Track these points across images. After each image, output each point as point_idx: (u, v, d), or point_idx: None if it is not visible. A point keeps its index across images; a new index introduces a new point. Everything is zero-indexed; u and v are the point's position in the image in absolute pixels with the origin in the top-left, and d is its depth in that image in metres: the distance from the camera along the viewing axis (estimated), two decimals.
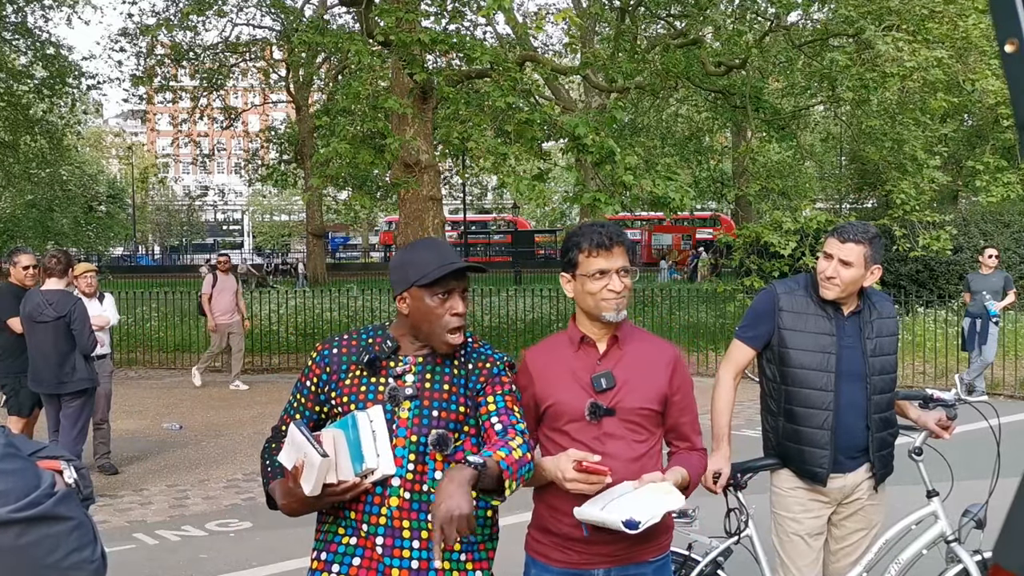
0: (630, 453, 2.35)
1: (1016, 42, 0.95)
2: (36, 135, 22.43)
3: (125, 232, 45.30)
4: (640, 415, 2.38)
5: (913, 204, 12.19)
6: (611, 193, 10.97)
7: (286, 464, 2.08)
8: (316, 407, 2.27)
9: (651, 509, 2.15)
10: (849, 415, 3.10)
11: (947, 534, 3.35)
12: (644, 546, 2.37)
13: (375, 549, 2.11)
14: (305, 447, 1.99)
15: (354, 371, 2.21)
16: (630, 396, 2.37)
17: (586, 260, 2.37)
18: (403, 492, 2.10)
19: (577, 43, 14.24)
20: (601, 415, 2.37)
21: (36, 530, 1.14)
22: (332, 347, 2.27)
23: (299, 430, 2.02)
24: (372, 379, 2.19)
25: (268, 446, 2.32)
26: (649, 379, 2.40)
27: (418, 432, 2.13)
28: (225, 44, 24.86)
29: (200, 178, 56.64)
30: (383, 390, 2.16)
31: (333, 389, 2.22)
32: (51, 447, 1.70)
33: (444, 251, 2.23)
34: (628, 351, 2.42)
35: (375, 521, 2.11)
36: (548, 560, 2.43)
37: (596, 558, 2.36)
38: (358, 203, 16.48)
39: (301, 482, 2.01)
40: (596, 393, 2.37)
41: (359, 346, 2.24)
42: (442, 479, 1.94)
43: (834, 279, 3.05)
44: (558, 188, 38.03)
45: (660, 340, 2.55)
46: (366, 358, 2.19)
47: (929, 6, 11.36)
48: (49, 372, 6.36)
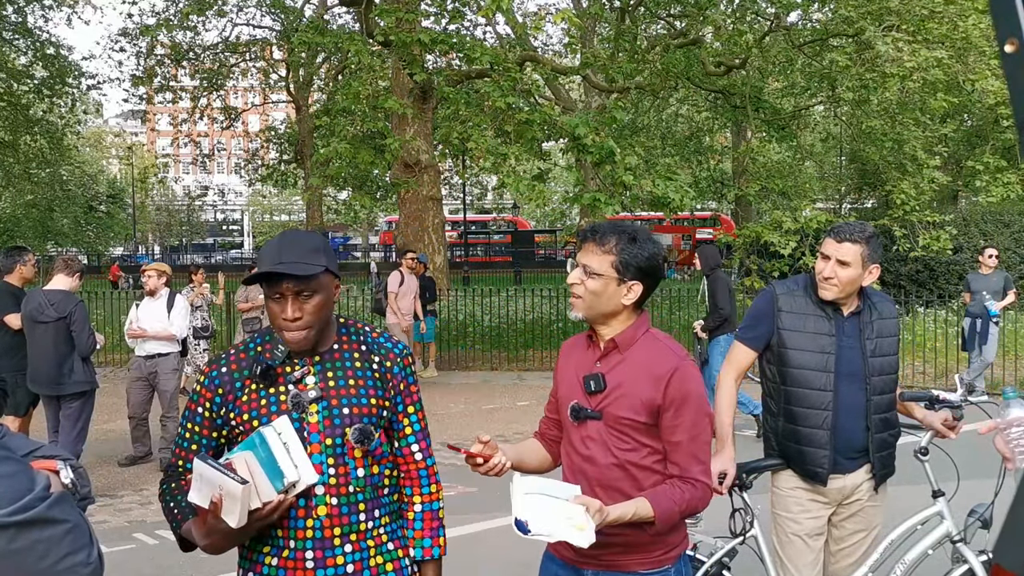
0: (610, 459, 2.26)
1: (1016, 42, 0.95)
2: (36, 135, 22.44)
3: (125, 232, 45.37)
4: (625, 423, 2.26)
5: (913, 204, 12.20)
6: (611, 193, 10.98)
7: (199, 502, 1.90)
8: (214, 433, 2.08)
9: (552, 527, 2.01)
10: (848, 416, 3.09)
11: (953, 534, 3.35)
12: (632, 556, 2.30)
13: (304, 564, 2.01)
14: (219, 479, 1.84)
15: (249, 386, 2.04)
16: (616, 403, 2.26)
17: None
18: (329, 499, 2.01)
19: (577, 43, 14.25)
20: (583, 418, 2.31)
21: (28, 534, 1.13)
22: (220, 366, 2.08)
23: (206, 463, 1.87)
24: (271, 390, 2.03)
25: (166, 487, 2.11)
26: (640, 389, 2.25)
27: (331, 434, 2.02)
28: (225, 44, 24.85)
29: (200, 178, 56.69)
30: (285, 399, 2.02)
31: (231, 410, 2.05)
32: (48, 447, 1.69)
33: (283, 249, 2.01)
34: (629, 357, 2.30)
35: (303, 536, 2.01)
36: (554, 551, 2.44)
37: (586, 558, 2.33)
38: (358, 203, 16.51)
39: (223, 516, 1.86)
40: (587, 395, 2.32)
41: (248, 358, 2.07)
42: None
43: (832, 279, 3.05)
44: (558, 188, 38.04)
45: (669, 349, 2.31)
46: (258, 369, 2.03)
47: (929, 6, 11.37)
48: (48, 372, 6.36)
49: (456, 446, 2.22)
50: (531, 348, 13.90)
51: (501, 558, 5.20)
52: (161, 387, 7.35)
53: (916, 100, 12.80)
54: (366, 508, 2.06)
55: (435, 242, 15.23)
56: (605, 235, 2.28)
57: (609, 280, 2.26)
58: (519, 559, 5.06)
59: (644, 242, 2.30)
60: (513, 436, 8.73)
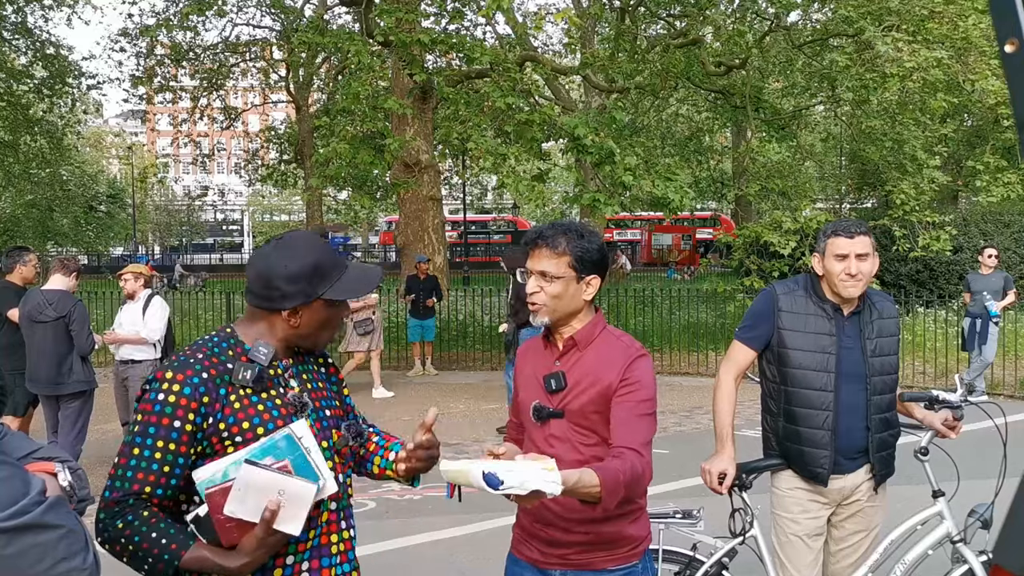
0: (574, 456, 2.26)
1: (1016, 42, 0.94)
2: (36, 135, 22.43)
3: (125, 232, 45.35)
4: (589, 418, 2.27)
5: (913, 204, 12.20)
6: (611, 193, 10.97)
7: (244, 516, 1.75)
8: (192, 450, 1.82)
9: (523, 477, 1.85)
10: (849, 416, 3.09)
11: (953, 534, 3.34)
12: (597, 554, 2.30)
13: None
14: (281, 483, 1.73)
15: (234, 392, 1.88)
16: (578, 399, 2.28)
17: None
18: (330, 503, 1.95)
19: (577, 43, 14.25)
20: (545, 416, 2.32)
21: (23, 539, 1.12)
22: (197, 372, 1.84)
23: (259, 468, 1.74)
24: (262, 394, 1.90)
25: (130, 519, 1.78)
26: (601, 380, 2.26)
27: (324, 437, 1.96)
28: (225, 44, 24.84)
29: (200, 178, 56.67)
30: (281, 402, 1.92)
31: (221, 419, 1.84)
32: (47, 448, 1.68)
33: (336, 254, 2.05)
34: (588, 353, 2.32)
35: (304, 548, 1.90)
36: (518, 554, 2.44)
37: (551, 558, 2.33)
38: (358, 203, 16.50)
39: (279, 526, 1.74)
40: (547, 394, 2.33)
41: (221, 363, 1.89)
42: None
43: (857, 275, 3.04)
44: (558, 188, 38.02)
45: (627, 344, 2.33)
46: (250, 374, 1.88)
47: (929, 6, 11.37)
48: (46, 372, 6.36)
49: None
50: None
51: (501, 558, 5.19)
52: (131, 393, 6.94)
53: (916, 100, 12.80)
54: (346, 515, 2.03)
55: (435, 242, 15.23)
56: (554, 237, 2.29)
57: (569, 280, 2.29)
58: None
59: (591, 236, 2.33)
60: None
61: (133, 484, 1.79)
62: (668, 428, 8.70)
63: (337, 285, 1.98)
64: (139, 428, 1.81)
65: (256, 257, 2.00)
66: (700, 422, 8.76)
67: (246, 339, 1.96)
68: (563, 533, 2.29)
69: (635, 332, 14.66)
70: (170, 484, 1.82)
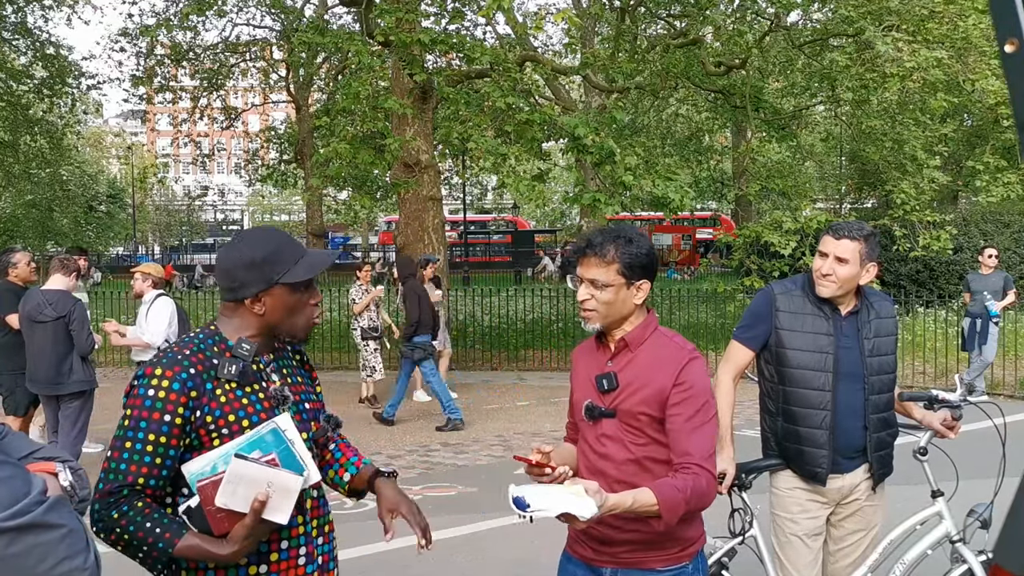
0: (625, 455, 2.32)
1: (1016, 42, 0.95)
2: (36, 135, 22.42)
3: (125, 232, 45.37)
4: (639, 419, 2.31)
5: (913, 204, 12.19)
6: (611, 193, 10.97)
7: (235, 506, 1.82)
8: (181, 442, 1.90)
9: (551, 502, 2.02)
10: (847, 415, 3.09)
11: (952, 534, 3.35)
12: (648, 553, 2.33)
13: (297, 561, 2.00)
14: (268, 475, 1.82)
15: (219, 386, 1.96)
16: (630, 399, 2.32)
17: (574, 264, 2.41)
18: (312, 491, 2.06)
19: (577, 43, 14.24)
20: (597, 416, 2.36)
21: (24, 539, 1.12)
22: (184, 368, 1.92)
23: (247, 461, 1.82)
24: (246, 388, 1.99)
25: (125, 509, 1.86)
26: (654, 382, 2.30)
27: (304, 429, 2.06)
28: (225, 44, 24.84)
29: (200, 178, 56.63)
30: (263, 396, 2.01)
31: (208, 413, 1.92)
32: (48, 448, 1.69)
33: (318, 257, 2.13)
34: (640, 354, 2.36)
35: (296, 533, 2.01)
36: (572, 552, 2.49)
37: (604, 556, 2.37)
38: (358, 203, 16.49)
39: (267, 515, 1.83)
40: (600, 394, 2.37)
41: (206, 359, 1.97)
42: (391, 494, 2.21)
43: (830, 276, 3.05)
44: (558, 188, 38.04)
45: (678, 345, 2.36)
46: (235, 369, 1.96)
47: (929, 6, 11.36)
48: (46, 372, 6.36)
49: (521, 457, 2.23)
50: (531, 348, 13.90)
51: (501, 558, 5.19)
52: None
53: (916, 100, 12.79)
54: (323, 503, 2.14)
55: (435, 242, 15.21)
56: (603, 245, 2.32)
57: (619, 287, 2.32)
58: (519, 559, 5.06)
59: (639, 240, 2.37)
60: (513, 436, 8.73)
61: (127, 476, 1.87)
62: None
63: (293, 269, 2.05)
64: (130, 422, 1.89)
65: (220, 251, 2.14)
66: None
67: (228, 335, 2.04)
68: (615, 531, 2.31)
69: None
70: (162, 475, 1.90)
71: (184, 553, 1.86)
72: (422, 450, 8.20)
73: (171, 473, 1.92)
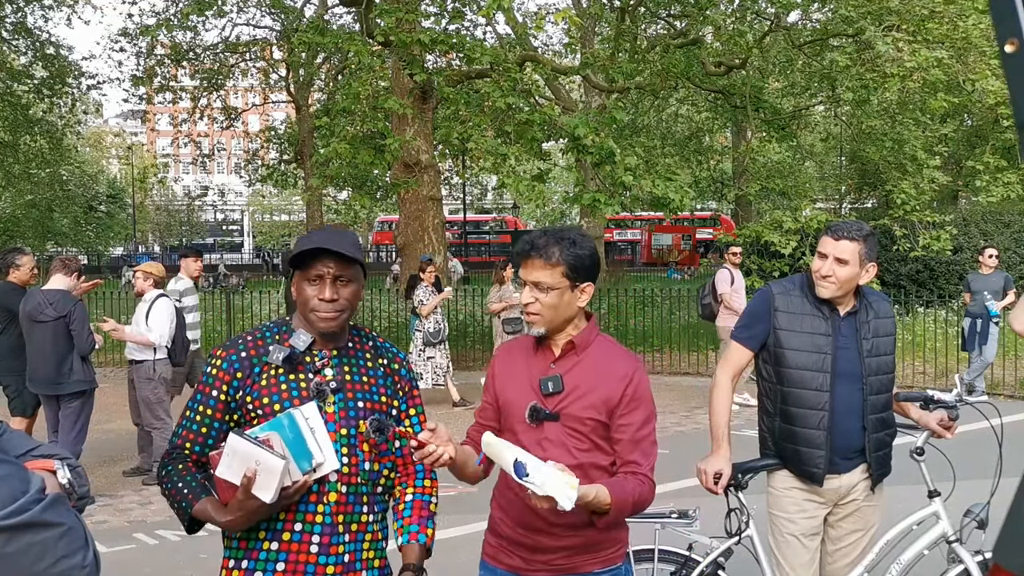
0: (569, 460, 2.26)
1: (1016, 42, 0.95)
2: (36, 135, 22.44)
3: (125, 232, 45.37)
4: (586, 425, 2.29)
5: (913, 204, 12.19)
6: (611, 193, 10.97)
7: (230, 478, 1.97)
8: (226, 416, 2.13)
9: (545, 478, 1.99)
10: (845, 416, 3.09)
11: (949, 534, 3.34)
12: (583, 557, 2.32)
13: (309, 548, 2.05)
14: (257, 454, 1.92)
15: (268, 371, 2.11)
16: (576, 403, 2.29)
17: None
18: (340, 486, 2.08)
19: (577, 43, 14.24)
20: (541, 419, 2.32)
21: (22, 537, 1.12)
22: (239, 351, 2.14)
23: (243, 438, 1.94)
24: (291, 376, 2.11)
25: (172, 468, 2.13)
26: (600, 389, 2.29)
27: (346, 425, 2.10)
28: (225, 44, 24.83)
29: (200, 178, 56.57)
30: (305, 386, 2.10)
31: (248, 393, 2.10)
32: (47, 446, 1.68)
33: (330, 235, 2.14)
34: (585, 358, 2.34)
35: (312, 519, 2.06)
36: (496, 563, 2.43)
37: (535, 564, 2.33)
38: (358, 203, 16.50)
39: (255, 492, 1.93)
40: (543, 396, 2.33)
41: (266, 345, 2.14)
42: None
43: (830, 277, 3.04)
44: (558, 188, 38.01)
45: (624, 352, 2.40)
46: (281, 356, 2.09)
47: (929, 6, 11.36)
48: (46, 372, 6.36)
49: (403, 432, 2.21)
50: None
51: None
52: (138, 393, 7.03)
53: (916, 100, 12.80)
54: (368, 501, 2.14)
55: (435, 242, 15.22)
56: (547, 247, 2.29)
57: (564, 290, 2.30)
58: None
59: (582, 242, 2.33)
60: None
61: (178, 439, 2.17)
62: (668, 428, 8.70)
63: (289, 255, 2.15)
64: (193, 394, 2.16)
65: None
66: (700, 422, 8.77)
67: (295, 326, 2.17)
68: (551, 538, 2.29)
69: (635, 332, 14.67)
70: (207, 443, 2.13)
71: (198, 515, 2.05)
72: None
73: (217, 443, 2.10)
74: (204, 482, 2.08)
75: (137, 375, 7.04)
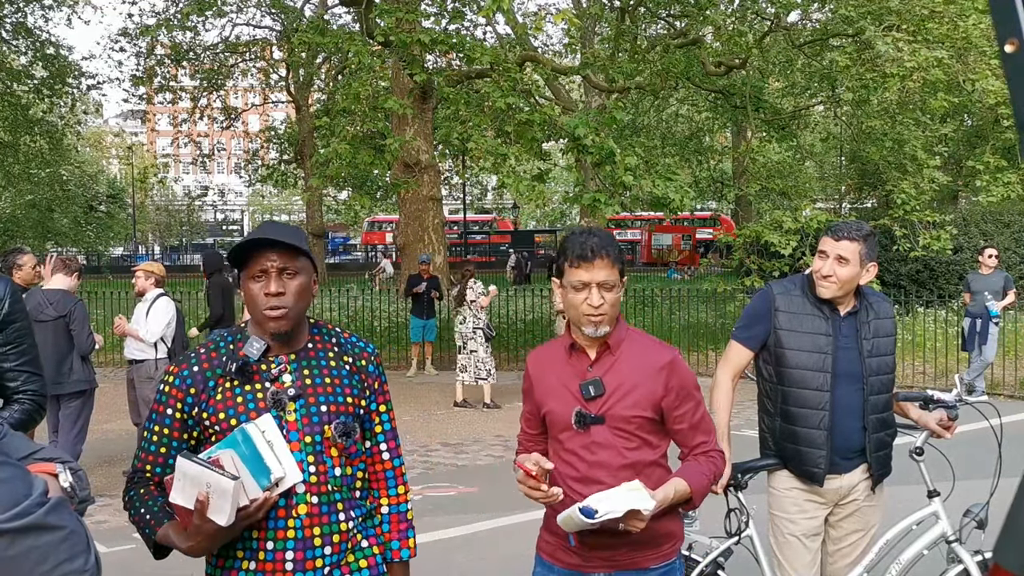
0: (620, 461, 2.28)
1: (1016, 42, 0.94)
2: (36, 135, 22.44)
3: (125, 232, 45.34)
4: (632, 423, 2.30)
5: (913, 204, 12.19)
6: (611, 193, 10.97)
7: (182, 503, 1.87)
8: (184, 435, 2.03)
9: (613, 503, 2.09)
10: (845, 416, 3.09)
11: (948, 534, 3.35)
12: (644, 552, 2.33)
13: (284, 566, 1.96)
14: (206, 476, 1.82)
15: (223, 384, 2.00)
16: (620, 403, 2.30)
17: (569, 270, 2.31)
18: (310, 497, 1.98)
19: (577, 43, 14.25)
20: (588, 423, 2.32)
21: (25, 541, 1.12)
22: (191, 366, 2.03)
23: (191, 461, 1.85)
24: (247, 387, 2.00)
25: (134, 493, 2.05)
26: (641, 386, 2.30)
27: (310, 432, 1.99)
28: (225, 44, 24.86)
29: (200, 178, 56.56)
30: (262, 396, 1.99)
31: (204, 409, 2.00)
32: (48, 449, 1.68)
33: (268, 227, 2.04)
34: (621, 356, 2.34)
35: (283, 536, 1.96)
36: (553, 560, 2.43)
37: (595, 561, 2.35)
38: (358, 203, 16.51)
39: (210, 515, 1.83)
40: (585, 401, 2.32)
41: (220, 356, 2.03)
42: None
43: (831, 277, 3.04)
44: (558, 188, 38.02)
45: (658, 344, 2.41)
46: (234, 366, 1.99)
47: (929, 6, 11.36)
48: (47, 372, 6.34)
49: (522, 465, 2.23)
50: (531, 348, 13.87)
51: (501, 558, 5.20)
52: (138, 393, 7.05)
53: (916, 100, 12.79)
54: (344, 508, 2.04)
55: (435, 242, 15.24)
56: (609, 248, 2.31)
57: (620, 288, 2.33)
58: (519, 559, 5.06)
59: (615, 238, 2.39)
60: (513, 436, 8.73)
61: (138, 463, 2.08)
62: None
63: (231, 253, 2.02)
64: (148, 414, 2.07)
65: None
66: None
67: (251, 331, 2.06)
68: (611, 536, 2.27)
69: None
70: (168, 464, 2.02)
71: (161, 540, 1.96)
72: (422, 450, 8.21)
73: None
74: (166, 506, 1.98)
75: (138, 375, 7.06)
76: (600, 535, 2.26)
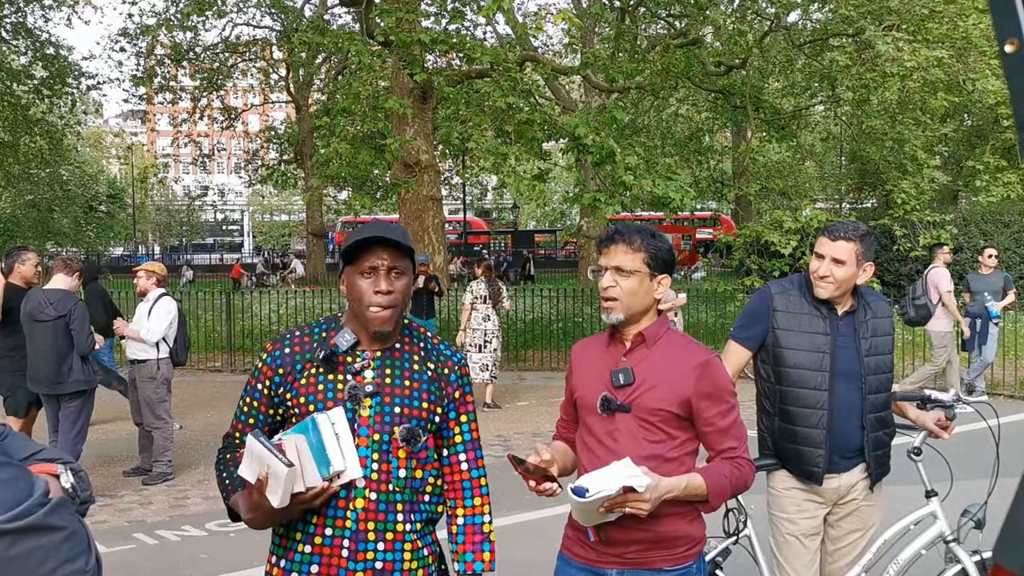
0: (640, 452, 2.29)
1: (1016, 42, 0.94)
2: (36, 135, 22.45)
3: (125, 232, 45.35)
4: (657, 416, 2.31)
5: (913, 204, 12.19)
6: (611, 193, 10.97)
7: (247, 477, 1.96)
8: (270, 411, 2.13)
9: (605, 482, 2.08)
10: (844, 415, 3.09)
11: (946, 534, 3.35)
12: (655, 552, 2.33)
13: (340, 552, 2.01)
14: (267, 458, 1.89)
15: (309, 369, 2.07)
16: (647, 395, 2.31)
17: (597, 255, 2.38)
18: (368, 493, 2.02)
19: (577, 43, 14.25)
20: (613, 410, 2.34)
21: (26, 541, 1.12)
22: (284, 346, 2.11)
23: (258, 441, 1.91)
24: (330, 376, 2.06)
25: (222, 457, 2.18)
26: (671, 381, 2.31)
27: (380, 430, 2.03)
28: (225, 44, 24.86)
29: (200, 178, 56.64)
30: (342, 388, 2.04)
31: (288, 391, 2.08)
32: (49, 449, 1.69)
33: (380, 226, 2.10)
34: (657, 350, 2.36)
35: (340, 525, 2.02)
36: (572, 555, 2.46)
37: (610, 558, 2.35)
38: (358, 203, 16.49)
39: (267, 495, 1.90)
40: (613, 388, 2.35)
41: (312, 342, 2.11)
42: None
43: (827, 278, 3.05)
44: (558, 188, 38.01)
45: (697, 346, 2.42)
46: (321, 354, 2.06)
47: (929, 6, 11.37)
48: (47, 371, 6.35)
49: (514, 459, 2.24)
50: (531, 348, 13.90)
51: (501, 558, 5.19)
52: (140, 393, 7.05)
53: (916, 100, 12.80)
54: (404, 509, 2.06)
55: (435, 242, 15.23)
56: (631, 234, 2.34)
57: (643, 276, 2.33)
58: (519, 559, 5.06)
59: (660, 237, 2.40)
60: (513, 436, 8.74)
61: (229, 429, 2.21)
62: None
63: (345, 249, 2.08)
64: (245, 385, 2.18)
65: None
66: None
67: (346, 323, 2.13)
68: (620, 531, 2.29)
69: None
70: None
71: (233, 506, 2.07)
72: None
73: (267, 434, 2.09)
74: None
75: (139, 375, 7.07)
76: (614, 528, 2.27)
